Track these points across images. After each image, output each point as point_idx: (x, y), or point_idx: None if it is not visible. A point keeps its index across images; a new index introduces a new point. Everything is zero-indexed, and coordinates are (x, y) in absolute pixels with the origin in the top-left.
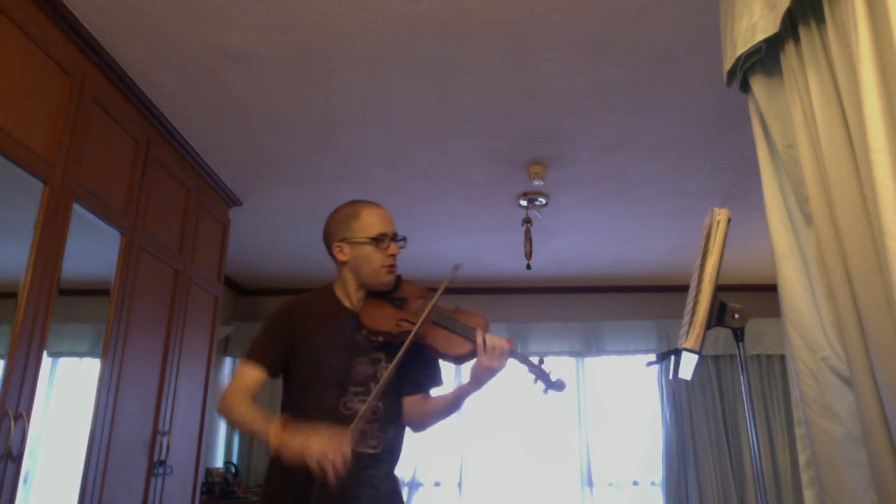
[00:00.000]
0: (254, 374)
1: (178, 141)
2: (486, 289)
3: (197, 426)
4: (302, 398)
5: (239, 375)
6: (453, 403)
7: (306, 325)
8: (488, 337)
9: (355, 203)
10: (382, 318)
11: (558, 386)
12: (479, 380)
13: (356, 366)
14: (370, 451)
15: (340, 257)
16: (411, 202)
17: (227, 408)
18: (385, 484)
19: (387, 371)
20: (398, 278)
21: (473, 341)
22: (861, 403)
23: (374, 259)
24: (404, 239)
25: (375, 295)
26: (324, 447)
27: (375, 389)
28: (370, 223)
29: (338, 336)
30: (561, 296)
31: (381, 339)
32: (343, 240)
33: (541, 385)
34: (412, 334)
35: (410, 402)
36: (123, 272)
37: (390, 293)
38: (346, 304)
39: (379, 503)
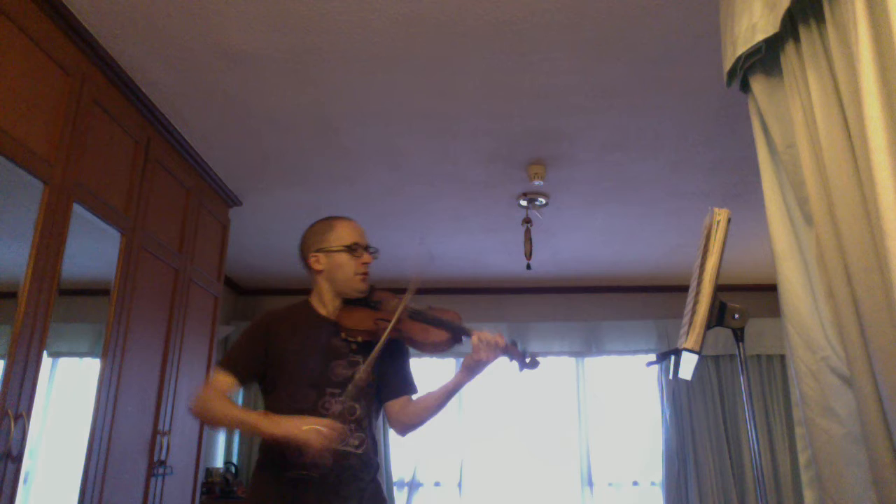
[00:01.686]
0: (225, 380)
1: (177, 141)
2: (486, 289)
3: (197, 426)
4: (280, 401)
5: (211, 380)
6: (443, 398)
7: (282, 334)
8: (481, 332)
9: (330, 217)
10: (361, 319)
11: (532, 364)
12: (470, 371)
13: (334, 369)
14: (352, 450)
15: (316, 266)
16: (411, 202)
17: (204, 405)
18: (371, 485)
19: (364, 364)
20: (371, 287)
21: (449, 330)
22: (861, 403)
23: (348, 266)
24: (376, 250)
25: (351, 301)
26: (313, 427)
27: (353, 381)
28: (344, 234)
29: (315, 341)
30: (561, 296)
31: (360, 338)
32: (319, 250)
33: (516, 365)
34: (390, 325)
35: (394, 407)
36: (123, 272)
37: (365, 299)
38: (322, 312)
39: (365, 502)
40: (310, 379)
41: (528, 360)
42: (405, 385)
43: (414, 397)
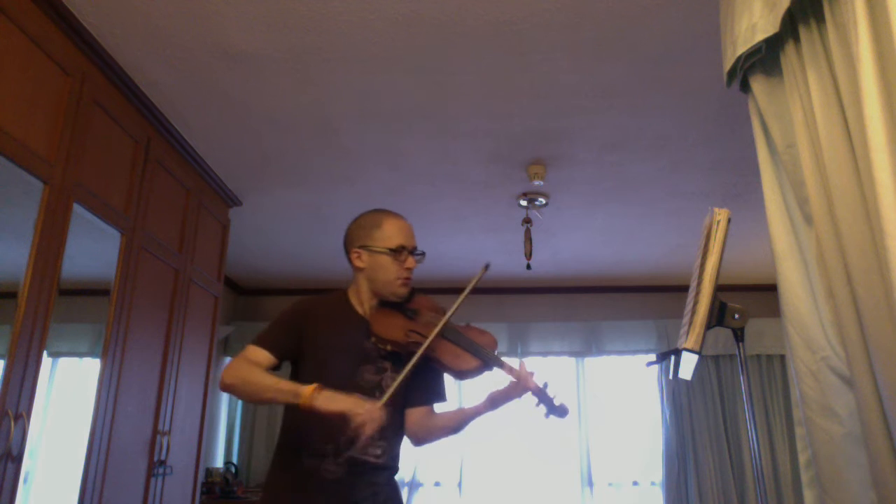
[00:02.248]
0: (261, 354)
1: (178, 141)
2: (486, 289)
3: (197, 426)
4: None
5: (245, 353)
6: (461, 422)
7: (316, 327)
8: (516, 369)
9: (380, 212)
10: (393, 328)
11: (561, 411)
12: (494, 403)
13: (363, 373)
14: (373, 460)
15: (358, 263)
16: (411, 202)
17: (238, 375)
18: (385, 488)
19: (394, 382)
20: (412, 291)
21: (481, 359)
22: (861, 403)
23: (390, 270)
24: (423, 254)
25: (388, 304)
26: (363, 405)
27: (386, 395)
28: (391, 234)
29: (347, 341)
30: (561, 296)
31: (389, 347)
32: (362, 246)
33: (543, 409)
34: (423, 347)
35: (414, 415)
36: (123, 272)
37: (403, 304)
38: (359, 310)
39: None
40: (337, 381)
41: (557, 404)
42: (428, 395)
43: (437, 407)
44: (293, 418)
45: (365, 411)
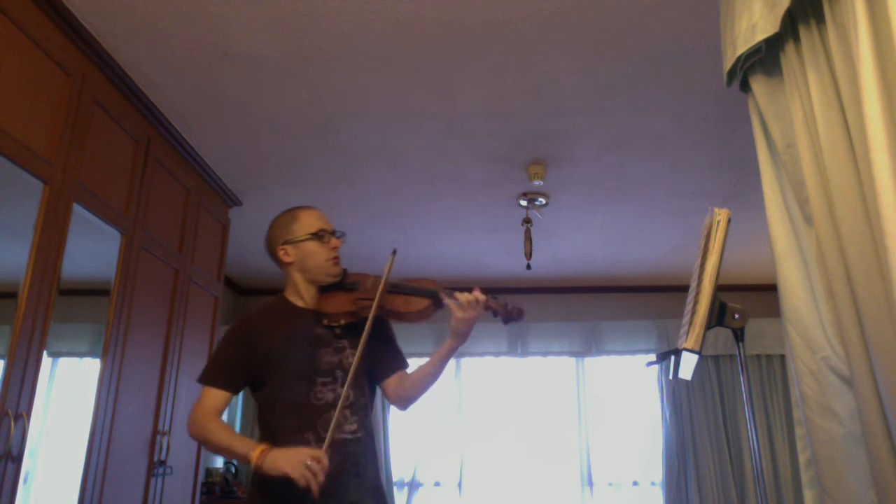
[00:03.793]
0: (216, 395)
1: (178, 141)
2: (486, 289)
3: None
4: (272, 396)
5: (202, 399)
6: (439, 365)
7: (263, 332)
8: (458, 294)
9: (291, 209)
10: (340, 303)
11: (517, 314)
12: (458, 334)
13: (322, 357)
14: (349, 436)
15: (286, 259)
16: (411, 202)
17: (200, 429)
18: (370, 471)
19: (358, 349)
20: (343, 270)
21: (429, 296)
22: (861, 403)
23: (319, 253)
24: (343, 234)
25: (328, 288)
26: (304, 460)
27: (351, 372)
28: (309, 223)
29: (298, 333)
30: (561, 296)
31: (343, 321)
32: (286, 242)
33: (500, 319)
34: (377, 299)
35: (391, 384)
36: (123, 272)
37: (340, 283)
38: (300, 304)
39: (365, 491)
40: (299, 371)
41: (510, 310)
42: (397, 361)
43: (407, 370)
44: (269, 419)
45: (308, 469)
